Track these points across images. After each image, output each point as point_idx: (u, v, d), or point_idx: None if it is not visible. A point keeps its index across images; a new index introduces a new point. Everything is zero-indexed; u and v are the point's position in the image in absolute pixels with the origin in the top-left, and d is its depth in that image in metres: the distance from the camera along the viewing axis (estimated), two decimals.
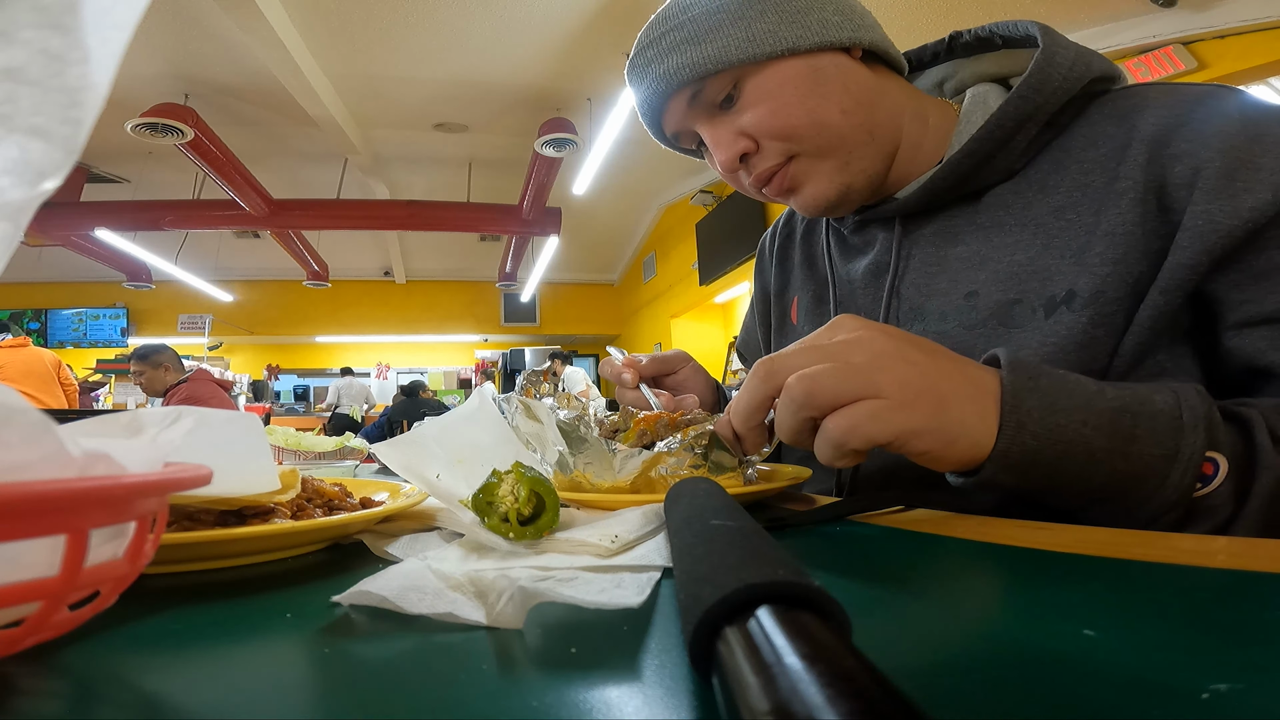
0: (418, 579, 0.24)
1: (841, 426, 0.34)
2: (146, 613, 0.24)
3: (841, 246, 0.68)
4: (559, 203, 5.55)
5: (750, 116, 0.54)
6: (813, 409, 0.35)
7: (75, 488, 0.15)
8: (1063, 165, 0.51)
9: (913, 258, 0.59)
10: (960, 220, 0.56)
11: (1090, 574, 0.26)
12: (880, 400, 0.34)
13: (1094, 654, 0.18)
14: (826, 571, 0.28)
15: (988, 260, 0.53)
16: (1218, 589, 0.24)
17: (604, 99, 4.11)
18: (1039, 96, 0.50)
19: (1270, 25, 2.73)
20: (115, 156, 5.12)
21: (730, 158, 0.55)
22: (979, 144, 0.52)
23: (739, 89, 0.54)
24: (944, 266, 0.56)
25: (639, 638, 0.20)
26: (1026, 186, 0.53)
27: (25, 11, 0.18)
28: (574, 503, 0.44)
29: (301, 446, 1.06)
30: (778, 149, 0.54)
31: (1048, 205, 0.51)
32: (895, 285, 0.59)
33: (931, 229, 0.58)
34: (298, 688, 0.18)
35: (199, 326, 7.60)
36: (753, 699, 0.11)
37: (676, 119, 0.57)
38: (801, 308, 0.71)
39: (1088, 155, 0.50)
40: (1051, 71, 0.50)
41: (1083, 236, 0.48)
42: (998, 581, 0.27)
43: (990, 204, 0.55)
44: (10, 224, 0.18)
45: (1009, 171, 0.54)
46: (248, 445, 0.33)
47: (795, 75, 0.53)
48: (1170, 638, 0.19)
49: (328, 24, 3.52)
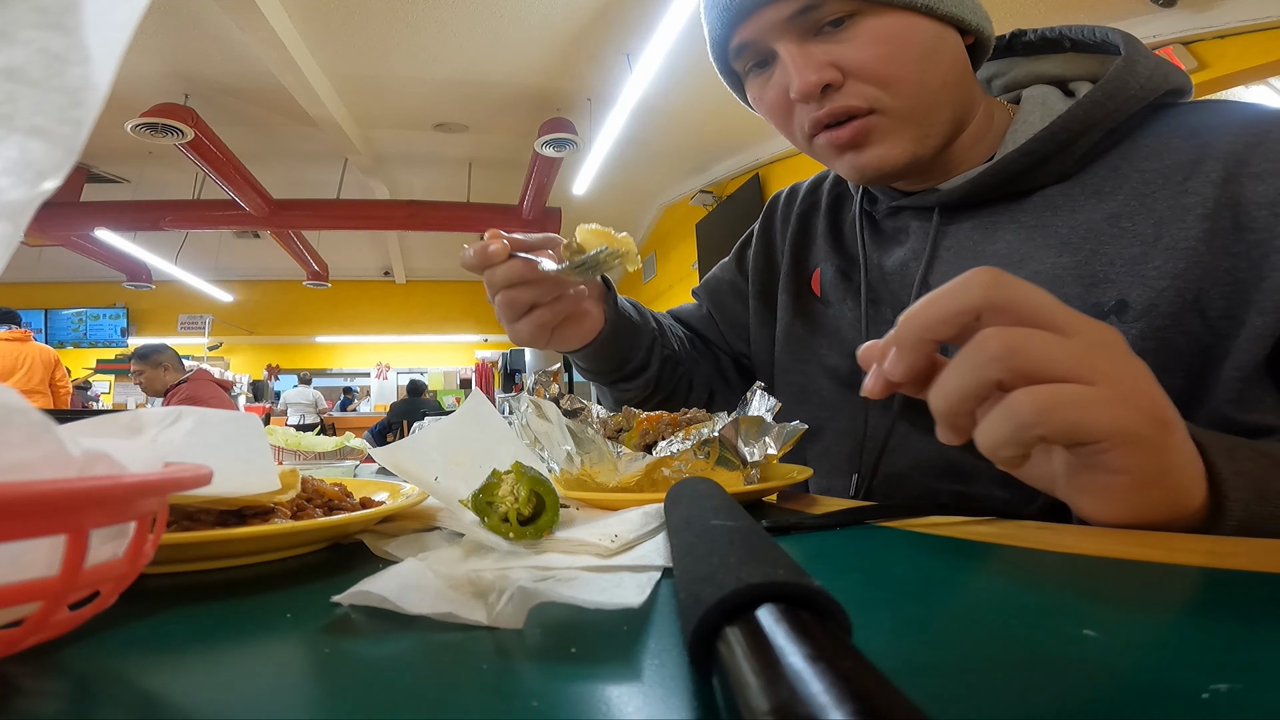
0: (418, 579, 0.24)
1: (1038, 403, 0.27)
2: (146, 613, 0.24)
3: (872, 230, 0.65)
4: (559, 203, 5.55)
5: (857, 51, 0.50)
6: (1007, 371, 0.28)
7: (75, 488, 0.15)
8: (1121, 173, 0.50)
9: (947, 249, 0.57)
10: (1002, 217, 0.55)
11: (1090, 574, 0.26)
12: (1095, 388, 0.28)
13: (1094, 654, 0.18)
14: (826, 571, 0.28)
15: (1028, 259, 0.52)
16: (1218, 589, 0.24)
17: (604, 99, 4.11)
18: (1111, 103, 0.50)
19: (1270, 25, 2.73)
20: (115, 156, 5.12)
21: (815, 83, 0.50)
22: (1040, 144, 0.51)
23: (854, 21, 0.51)
24: (979, 261, 0.53)
25: (639, 638, 0.20)
26: (1079, 190, 0.52)
27: (25, 11, 0.18)
28: (574, 502, 0.44)
29: (301, 446, 1.06)
30: (867, 94, 0.51)
31: (1102, 211, 0.50)
32: (925, 276, 0.57)
33: (970, 223, 0.56)
34: (298, 688, 0.18)
35: (199, 326, 7.60)
36: (753, 699, 0.11)
37: (764, 26, 0.52)
38: (825, 280, 0.68)
39: (1150, 166, 0.49)
40: (1129, 80, 0.50)
41: (1137, 247, 0.47)
42: (998, 581, 0.27)
43: (1037, 204, 0.53)
44: (10, 224, 0.18)
45: (1062, 175, 0.53)
46: (248, 445, 0.33)
47: (919, 31, 0.51)
48: (1170, 638, 0.19)
49: (328, 24, 3.52)
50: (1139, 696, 0.15)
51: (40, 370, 3.74)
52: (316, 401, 7.50)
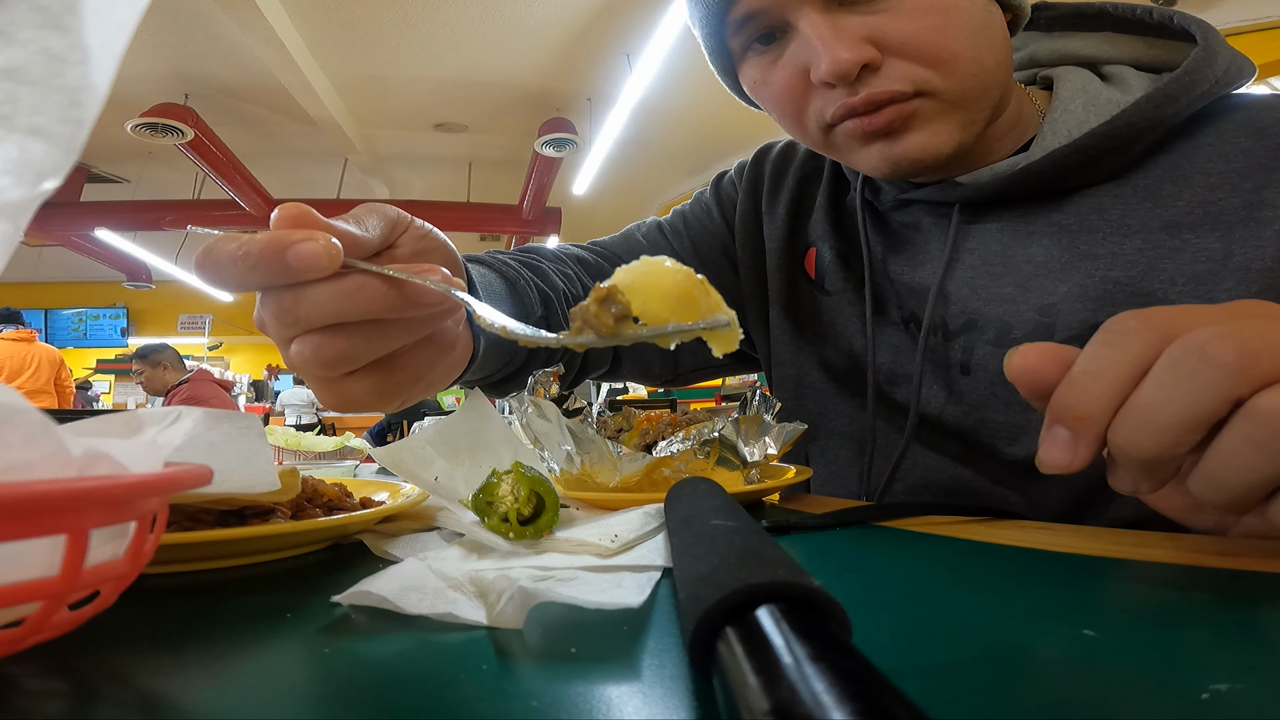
0: (418, 579, 0.24)
1: None
2: (146, 613, 0.24)
3: (876, 221, 0.57)
4: (559, 203, 5.55)
5: (901, 24, 0.42)
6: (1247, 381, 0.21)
7: (75, 488, 0.15)
8: (1183, 174, 0.44)
9: (971, 253, 0.50)
10: (1038, 218, 0.48)
11: (1090, 574, 0.26)
12: None
13: (1094, 654, 0.18)
14: (826, 571, 0.28)
15: (1070, 271, 0.45)
16: (1218, 589, 0.24)
17: (604, 99, 4.11)
18: (1185, 99, 0.43)
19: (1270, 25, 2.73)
20: (115, 156, 5.11)
21: (852, 61, 0.42)
22: (1098, 139, 0.44)
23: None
24: (1010, 269, 0.48)
25: (639, 638, 0.20)
26: (1131, 192, 0.45)
27: (25, 11, 0.18)
28: (574, 502, 0.44)
29: (301, 446, 1.06)
30: (914, 74, 0.43)
31: (1160, 218, 0.44)
32: (943, 284, 0.50)
33: (998, 225, 0.49)
34: (298, 687, 0.18)
35: (199, 326, 7.60)
36: (753, 699, 0.11)
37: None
38: (822, 263, 0.59)
39: (1215, 169, 0.43)
40: (1208, 73, 0.43)
41: (1203, 264, 0.42)
42: (998, 581, 0.27)
43: (1081, 205, 0.46)
44: (10, 224, 0.18)
45: (1112, 174, 0.46)
46: (248, 445, 0.33)
47: (973, 3, 0.44)
48: (1170, 638, 0.19)
49: (328, 24, 3.52)
50: (1139, 696, 0.15)
51: (47, 370, 3.75)
52: (314, 401, 7.50)
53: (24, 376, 3.59)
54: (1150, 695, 0.15)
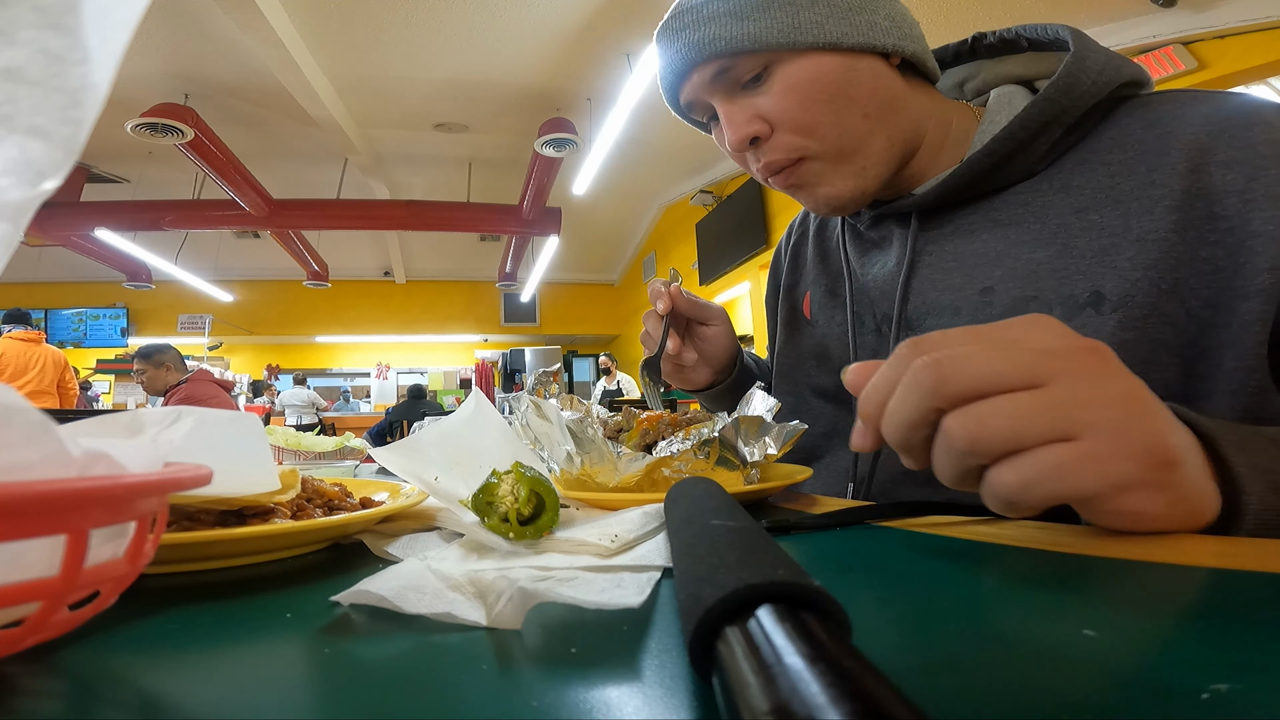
0: (417, 579, 0.24)
1: (1012, 482, 0.27)
2: (146, 613, 0.24)
3: (856, 241, 0.67)
4: (559, 203, 5.56)
5: (774, 103, 0.53)
6: (978, 457, 0.28)
7: (75, 488, 0.15)
8: (1088, 166, 0.51)
9: (928, 253, 0.58)
10: (977, 217, 0.56)
11: (1090, 574, 0.26)
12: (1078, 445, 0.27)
13: (1094, 654, 0.18)
14: (826, 571, 0.28)
15: (1004, 257, 0.53)
16: (1218, 589, 0.24)
17: (604, 99, 4.11)
18: (1065, 100, 0.50)
19: (1270, 25, 2.73)
20: (115, 156, 5.12)
21: (741, 139, 0.54)
22: (1000, 144, 0.52)
23: (769, 72, 0.53)
24: (959, 262, 0.56)
25: (639, 638, 0.20)
26: (1048, 187, 0.53)
27: (25, 11, 0.18)
28: (574, 502, 0.44)
29: (301, 446, 1.06)
30: (791, 144, 0.54)
31: (1070, 205, 0.51)
32: (908, 281, 0.58)
33: (950, 226, 0.58)
34: (298, 688, 0.18)
35: (199, 326, 7.60)
36: (753, 699, 0.11)
37: (696, 89, 0.56)
38: (815, 301, 0.71)
39: (1114, 159, 0.50)
40: (1081, 76, 0.50)
41: (1106, 238, 0.48)
42: (998, 581, 0.27)
43: (1010, 202, 0.54)
44: (10, 224, 0.18)
45: (1029, 172, 0.53)
46: (248, 445, 0.33)
47: (830, 71, 0.52)
48: (1170, 638, 0.19)
49: (328, 24, 3.52)
50: (1139, 696, 0.15)
51: (52, 371, 3.76)
52: (313, 401, 7.51)
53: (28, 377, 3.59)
54: (1150, 695, 0.15)
